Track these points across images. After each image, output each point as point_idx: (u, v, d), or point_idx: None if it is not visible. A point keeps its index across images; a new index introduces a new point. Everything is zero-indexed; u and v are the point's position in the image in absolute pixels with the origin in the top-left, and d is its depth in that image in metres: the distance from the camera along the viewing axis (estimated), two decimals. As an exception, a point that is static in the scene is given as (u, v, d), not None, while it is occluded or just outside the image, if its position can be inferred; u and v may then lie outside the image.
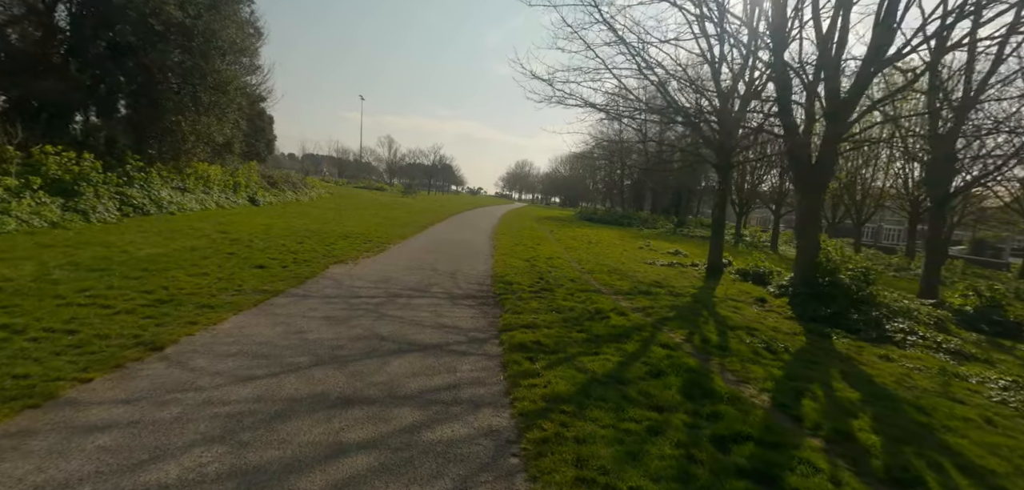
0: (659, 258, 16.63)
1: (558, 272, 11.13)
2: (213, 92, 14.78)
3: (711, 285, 11.80)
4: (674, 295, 9.78)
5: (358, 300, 6.98)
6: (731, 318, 7.93)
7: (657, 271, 13.39)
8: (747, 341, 6.50)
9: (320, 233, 13.11)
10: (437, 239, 15.68)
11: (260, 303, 6.20)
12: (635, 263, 14.83)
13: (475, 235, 18.47)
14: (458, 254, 12.66)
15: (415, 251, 12.38)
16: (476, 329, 6.15)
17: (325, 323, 5.68)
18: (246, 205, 17.84)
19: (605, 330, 6.35)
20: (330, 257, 9.84)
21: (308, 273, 8.20)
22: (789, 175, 28.93)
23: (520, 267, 11.28)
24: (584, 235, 23.47)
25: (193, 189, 15.25)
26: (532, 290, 8.81)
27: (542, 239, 18.95)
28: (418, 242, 14.35)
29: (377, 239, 13.39)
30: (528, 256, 13.22)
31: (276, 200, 20.80)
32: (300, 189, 24.57)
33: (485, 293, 8.42)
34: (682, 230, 35.79)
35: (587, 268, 12.46)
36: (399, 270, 9.56)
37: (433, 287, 8.46)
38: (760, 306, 9.34)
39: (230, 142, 17.88)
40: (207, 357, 4.27)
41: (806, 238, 8.97)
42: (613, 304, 8.04)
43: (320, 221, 16.20)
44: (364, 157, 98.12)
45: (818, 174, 8.80)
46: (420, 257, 11.43)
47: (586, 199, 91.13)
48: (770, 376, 5.20)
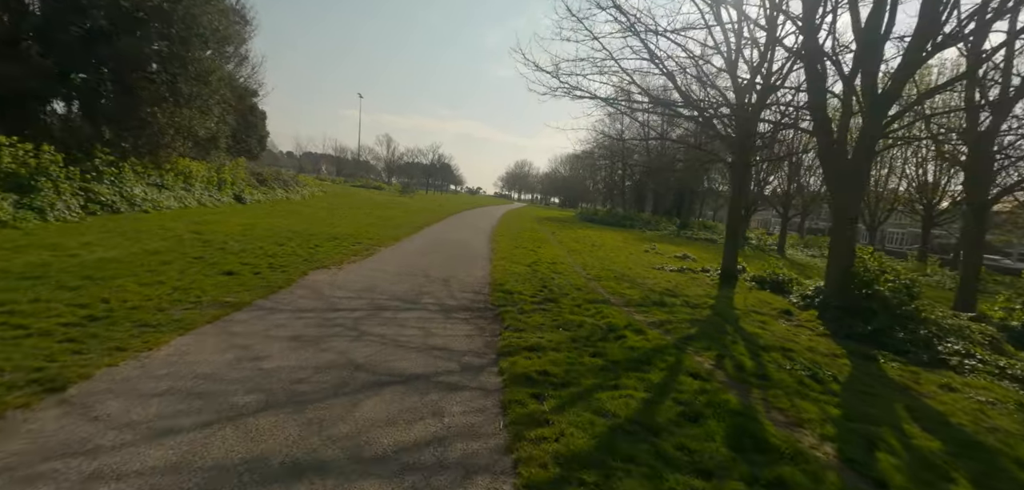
0: (667, 263, 15.72)
1: (562, 279, 10.22)
2: (194, 83, 13.82)
3: (727, 294, 10.89)
4: (691, 306, 8.86)
5: (336, 314, 6.04)
6: (760, 335, 7.02)
7: (667, 277, 12.48)
8: (787, 367, 5.58)
9: (305, 234, 12.17)
10: (432, 241, 14.75)
11: (217, 319, 5.27)
12: (643, 268, 13.92)
13: (473, 236, 17.54)
14: (454, 258, 11.73)
15: (408, 254, 11.45)
16: (471, 352, 5.22)
17: (290, 346, 4.75)
18: (231, 204, 16.89)
19: (622, 353, 5.42)
20: (312, 262, 8.90)
21: (283, 281, 7.26)
22: (799, 176, 28.06)
23: (521, 273, 10.36)
24: (586, 237, 22.56)
25: (172, 186, 14.30)
26: (535, 301, 7.89)
27: (543, 241, 18.03)
28: (412, 244, 13.41)
29: (367, 241, 12.45)
30: (529, 260, 12.30)
31: (265, 198, 19.85)
32: (291, 187, 23.62)
33: (482, 304, 7.50)
34: (685, 233, 34.89)
35: (593, 274, 11.54)
36: (388, 277, 8.63)
37: (424, 297, 7.53)
38: (787, 320, 8.42)
39: (215, 137, 16.91)
40: (123, 399, 3.33)
41: (839, 244, 8.06)
42: (627, 318, 7.12)
43: (308, 221, 15.25)
44: (362, 156, 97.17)
45: (854, 173, 7.89)
46: (412, 261, 10.50)
47: (586, 200, 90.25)
48: (826, 416, 4.28)
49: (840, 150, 7.86)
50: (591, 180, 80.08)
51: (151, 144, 13.25)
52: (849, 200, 7.96)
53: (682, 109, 13.80)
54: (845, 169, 7.95)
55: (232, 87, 23.87)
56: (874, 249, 8.93)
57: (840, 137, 7.83)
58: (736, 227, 12.67)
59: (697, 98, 12.31)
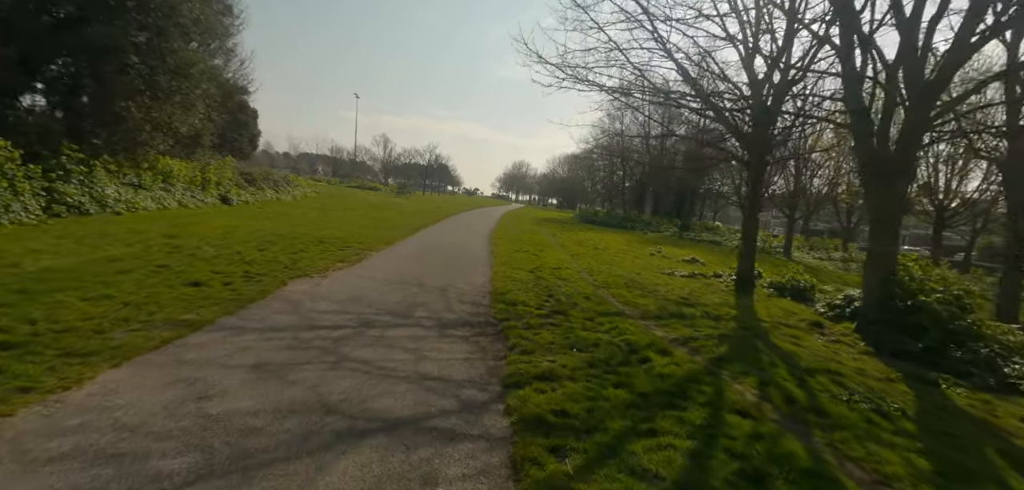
0: (676, 267, 14.90)
1: (569, 287, 9.38)
2: (174, 76, 12.92)
3: (746, 303, 10.08)
4: (712, 318, 8.04)
5: (313, 334, 5.18)
6: (798, 354, 6.19)
7: (679, 284, 11.66)
8: (843, 397, 4.75)
9: (291, 237, 11.29)
10: (428, 244, 13.89)
11: (167, 344, 4.40)
12: (652, 274, 13.09)
13: (471, 239, 16.69)
14: (451, 263, 10.88)
15: (401, 260, 10.59)
16: (472, 381, 4.37)
17: (251, 378, 3.89)
18: (216, 205, 15.99)
19: (651, 383, 4.58)
20: (293, 269, 8.03)
21: (256, 293, 6.39)
22: (805, 175, 27.32)
23: (524, 280, 9.52)
24: (589, 240, 21.73)
25: (150, 186, 13.40)
26: (541, 313, 7.05)
27: (544, 244, 17.19)
28: (406, 248, 12.55)
29: (358, 245, 11.59)
30: (532, 266, 11.46)
31: (253, 199, 18.95)
32: (282, 188, 22.72)
33: (483, 318, 6.65)
34: (688, 235, 34.11)
35: (601, 281, 10.71)
36: (378, 286, 7.77)
37: (417, 310, 6.68)
38: (821, 334, 7.60)
39: (199, 135, 16.01)
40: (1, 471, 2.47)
41: (880, 251, 7.25)
42: (647, 335, 6.28)
43: (296, 223, 14.37)
44: (359, 156, 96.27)
45: (896, 171, 7.09)
46: (406, 268, 9.64)
47: (584, 200, 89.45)
48: (915, 471, 3.45)
49: (881, 146, 7.05)
50: (590, 181, 79.33)
51: (127, 141, 12.34)
52: (890, 201, 7.15)
53: (693, 103, 12.99)
54: (886, 167, 7.14)
55: (218, 82, 22.97)
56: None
57: (882, 131, 7.02)
58: (752, 231, 11.86)
59: (710, 90, 11.48)
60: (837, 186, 24.70)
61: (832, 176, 25.31)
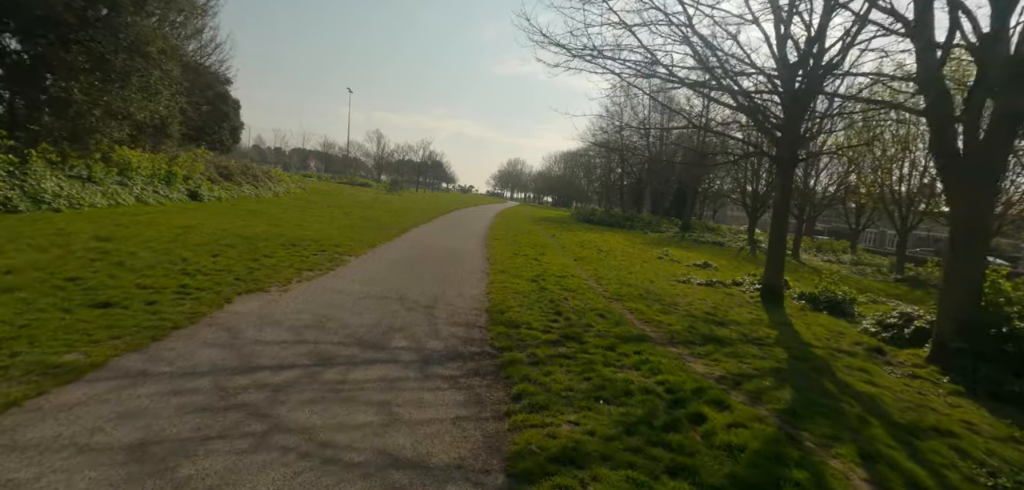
0: (689, 273, 13.57)
1: (578, 300, 8.01)
2: (129, 55, 11.39)
3: (780, 318, 8.75)
4: (753, 342, 6.70)
5: (244, 382, 3.77)
6: (882, 400, 4.85)
7: (699, 295, 10.32)
8: (982, 480, 3.40)
9: (259, 239, 9.83)
10: (417, 247, 12.46)
11: (10, 406, 2.97)
12: (665, 281, 11.75)
13: (465, 240, 15.28)
14: (441, 270, 9.47)
15: (383, 267, 9.17)
16: (461, 467, 2.98)
17: (115, 480, 2.48)
18: (182, 201, 14.46)
19: (717, 462, 3.21)
20: (247, 281, 6.59)
21: (186, 317, 4.96)
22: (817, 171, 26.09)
23: (526, 292, 8.14)
24: (590, 241, 20.38)
25: (102, 179, 11.86)
26: (550, 338, 5.67)
27: (544, 246, 15.80)
28: (391, 252, 11.12)
29: (334, 248, 10.15)
30: (533, 273, 10.07)
31: (227, 195, 17.41)
32: (262, 183, 21.16)
33: (478, 347, 5.25)
34: (690, 235, 32.85)
35: (612, 291, 9.34)
36: (350, 303, 6.35)
37: (396, 337, 5.27)
38: (887, 365, 6.27)
39: (165, 123, 14.47)
40: None
41: (965, 261, 5.92)
42: (687, 373, 4.91)
43: (270, 222, 12.89)
44: (352, 152, 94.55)
45: (985, 166, 5.76)
46: (387, 277, 8.22)
47: (580, 199, 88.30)
48: None
49: (971, 137, 5.72)
50: (586, 179, 78.07)
51: (73, 128, 10.81)
52: (980, 202, 5.84)
53: (712, 93, 11.65)
54: (972, 161, 5.81)
55: (189, 66, 21.40)
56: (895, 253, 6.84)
57: (970, 119, 5.69)
58: (781, 235, 10.53)
59: (734, 70, 10.11)
60: (858, 186, 23.38)
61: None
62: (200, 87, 22.58)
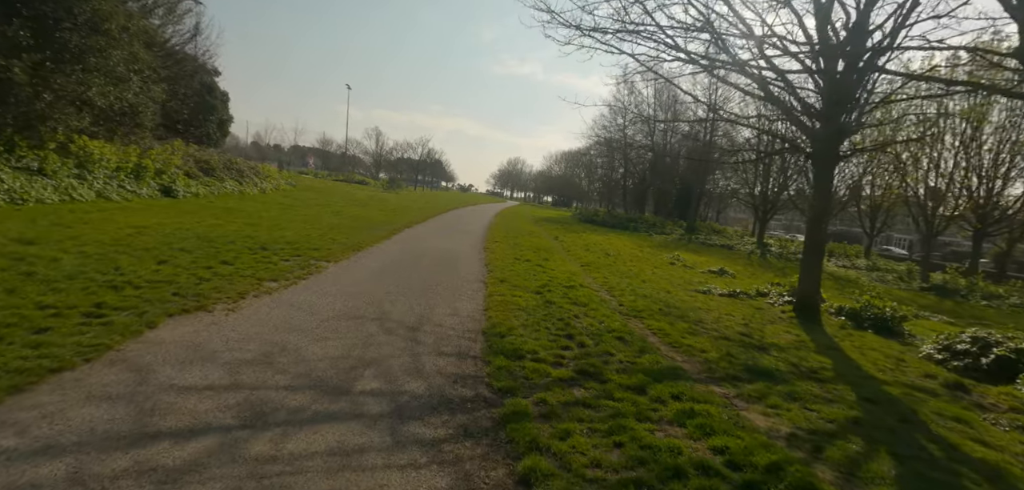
0: (707, 282, 12.36)
1: (591, 318, 6.81)
2: (87, 33, 10.15)
3: (825, 340, 7.56)
4: (807, 376, 5.50)
5: (130, 456, 2.57)
6: (1010, 475, 3.64)
7: (723, 308, 9.13)
8: None
9: (224, 240, 8.61)
10: (408, 251, 11.24)
11: None
12: (682, 291, 10.56)
13: (461, 243, 14.06)
14: (433, 280, 8.25)
15: (365, 275, 7.95)
16: None
17: None
18: (153, 197, 13.23)
19: None
20: (187, 297, 5.37)
21: (87, 348, 3.75)
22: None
23: (529, 307, 6.93)
24: (595, 243, 19.17)
25: (56, 172, 10.62)
26: (563, 378, 4.48)
27: (548, 250, 14.58)
28: (378, 256, 9.90)
29: (311, 253, 8.93)
30: (537, 283, 8.85)
31: (207, 192, 16.18)
32: (248, 179, 19.91)
33: (470, 389, 4.05)
34: (697, 237, 31.64)
35: (628, 305, 8.14)
36: (313, 325, 5.14)
37: (364, 375, 4.07)
38: (981, 409, 5.06)
39: (136, 112, 13.22)
40: None
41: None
42: (755, 439, 3.69)
43: (246, 222, 11.66)
44: (351, 150, 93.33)
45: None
46: (368, 289, 6.99)
47: (581, 199, 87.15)
48: None
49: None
50: (587, 179, 76.81)
51: (20, 114, 9.57)
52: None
53: (734, 77, 10.44)
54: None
55: (173, 55, 20.17)
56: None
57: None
58: (819, 242, 9.31)
59: (764, 39, 8.89)
60: (890, 186, 22.17)
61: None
62: (183, 76, 21.34)
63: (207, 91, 25.77)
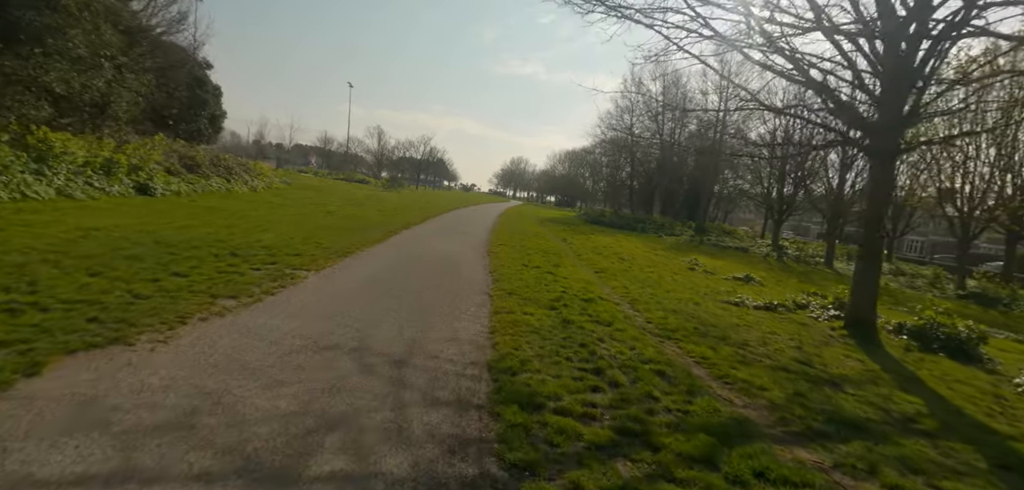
0: (736, 291, 11.14)
1: (619, 342, 5.61)
2: (41, 10, 9.00)
3: (899, 369, 6.33)
4: (912, 429, 4.30)
5: None
6: None
7: (765, 324, 7.92)
8: None
9: (187, 246, 7.42)
10: (404, 256, 10.05)
11: None
12: (712, 302, 9.37)
13: (463, 246, 12.86)
14: (428, 293, 7.05)
15: (349, 288, 6.75)
16: None
17: None
18: (125, 195, 12.08)
19: None
20: (107, 323, 4.16)
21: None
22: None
23: (544, 328, 5.73)
24: (606, 246, 17.94)
25: (8, 167, 9.47)
26: (598, 443, 3.29)
27: (557, 254, 13.36)
28: (368, 263, 8.70)
29: (294, 258, 7.74)
30: (550, 296, 7.64)
31: (190, 189, 15.02)
32: (237, 176, 18.74)
33: (472, 465, 2.84)
34: (708, 239, 30.34)
35: (657, 321, 6.95)
36: (269, 362, 3.93)
37: (323, 446, 2.87)
38: None
39: (106, 100, 12.07)
40: None
41: None
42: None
43: (224, 223, 10.50)
44: (352, 149, 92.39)
45: None
46: (348, 307, 5.79)
47: (584, 199, 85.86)
48: None
49: None
50: (593, 179, 75.45)
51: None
52: None
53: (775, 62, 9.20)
54: None
55: (158, 44, 19.03)
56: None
57: None
58: (876, 249, 8.07)
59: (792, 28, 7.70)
60: (926, 186, 20.85)
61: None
62: (170, 68, 20.21)
63: (198, 85, 24.65)
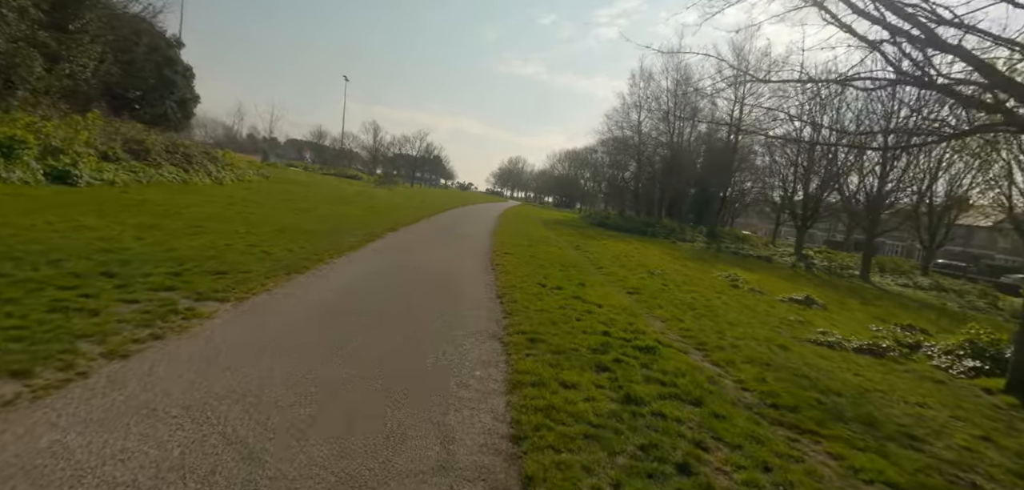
0: (806, 319, 8.72)
1: (728, 446, 3.13)
2: None
3: None
4: None
5: None
6: None
7: (895, 386, 5.50)
8: None
9: (43, 261, 4.90)
10: (382, 271, 7.55)
11: None
12: (791, 339, 6.96)
13: (461, 254, 10.37)
14: (406, 339, 4.56)
15: (275, 333, 4.24)
16: None
17: None
18: (32, 183, 9.53)
19: None
20: None
21: None
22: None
23: (602, 425, 3.25)
24: (625, 255, 15.49)
25: None
26: None
27: (577, 268, 10.88)
28: (326, 284, 6.19)
29: (211, 279, 5.23)
30: (590, 340, 5.15)
31: (131, 179, 12.45)
32: (198, 166, 16.11)
33: None
34: (725, 246, 27.93)
35: (755, 385, 4.51)
36: None
37: None
38: None
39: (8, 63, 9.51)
40: None
41: None
42: None
43: (141, 225, 7.98)
44: (347, 144, 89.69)
45: None
46: (255, 384, 3.29)
47: (583, 199, 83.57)
48: None
49: None
50: (594, 179, 73.03)
51: None
52: None
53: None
54: None
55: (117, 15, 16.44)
56: None
57: None
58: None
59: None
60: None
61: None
62: (126, 42, 17.60)
63: (166, 64, 22.02)
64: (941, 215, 22.82)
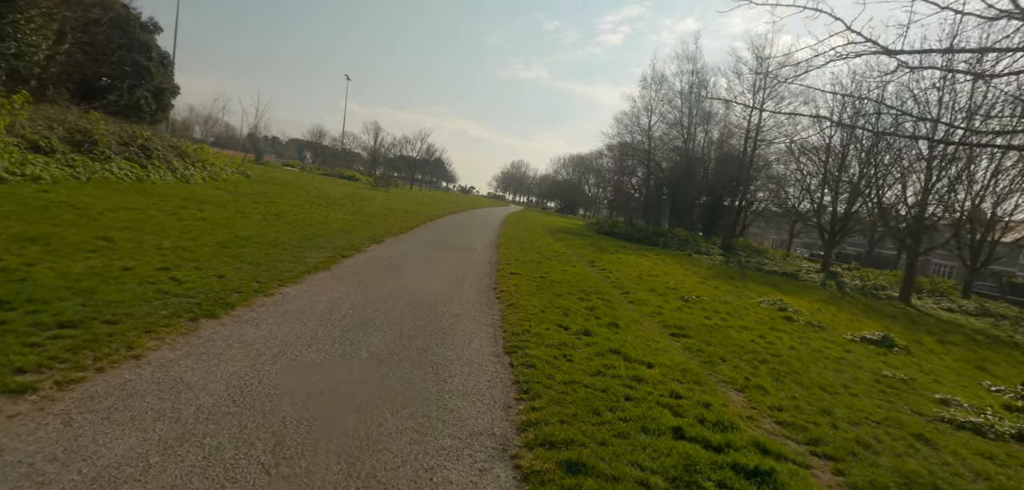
0: (900, 371, 6.65)
1: None
2: None
3: None
4: None
5: None
6: None
7: None
8: None
9: None
10: (345, 307, 5.51)
11: None
12: (905, 415, 4.89)
13: (460, 275, 8.32)
14: (360, 457, 2.52)
15: (121, 458, 2.20)
16: None
17: None
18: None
19: None
20: None
21: None
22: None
23: None
24: (650, 274, 13.43)
25: None
26: None
27: (600, 294, 8.82)
28: (251, 334, 4.15)
29: (52, 344, 3.21)
30: (658, 460, 3.11)
31: (67, 174, 10.44)
32: (160, 162, 14.07)
33: None
34: (747, 261, 25.85)
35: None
36: None
37: None
38: None
39: None
40: None
41: None
42: None
43: (27, 240, 5.96)
44: (347, 144, 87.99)
45: None
46: None
47: (586, 205, 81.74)
48: None
49: None
50: (599, 185, 70.99)
51: None
52: None
53: None
54: None
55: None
56: None
57: None
58: None
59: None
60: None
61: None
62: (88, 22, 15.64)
63: (139, 49, 20.05)
64: (985, 232, 20.75)
